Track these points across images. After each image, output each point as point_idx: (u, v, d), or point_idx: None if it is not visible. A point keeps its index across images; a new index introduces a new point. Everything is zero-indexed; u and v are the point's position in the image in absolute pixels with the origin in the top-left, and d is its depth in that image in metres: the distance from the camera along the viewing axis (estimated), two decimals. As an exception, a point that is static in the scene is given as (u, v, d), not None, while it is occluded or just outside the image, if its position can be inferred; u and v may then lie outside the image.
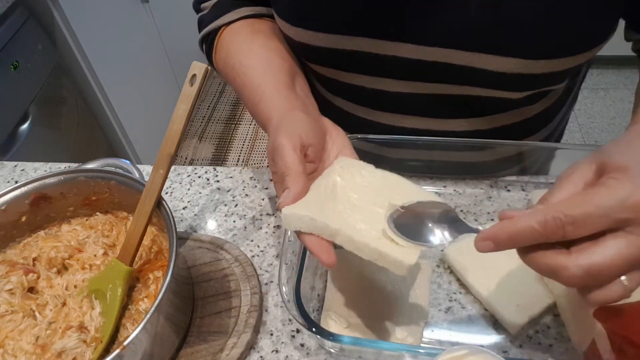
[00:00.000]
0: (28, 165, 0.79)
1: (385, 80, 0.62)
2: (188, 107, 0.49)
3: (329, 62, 0.63)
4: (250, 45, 0.62)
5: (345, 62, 0.62)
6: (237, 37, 0.64)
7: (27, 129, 1.39)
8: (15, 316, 0.51)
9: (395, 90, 0.62)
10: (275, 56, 0.61)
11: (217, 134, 2.34)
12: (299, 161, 0.46)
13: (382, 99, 0.64)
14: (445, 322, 0.53)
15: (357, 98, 0.67)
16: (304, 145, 0.48)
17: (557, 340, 0.51)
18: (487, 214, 0.63)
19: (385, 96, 0.64)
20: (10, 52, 1.31)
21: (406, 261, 0.41)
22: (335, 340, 0.46)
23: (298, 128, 0.49)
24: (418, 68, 0.58)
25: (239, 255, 0.60)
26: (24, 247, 0.59)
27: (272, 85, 0.57)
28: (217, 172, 0.74)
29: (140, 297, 0.53)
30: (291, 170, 0.45)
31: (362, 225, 0.44)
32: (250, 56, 0.61)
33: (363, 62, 0.60)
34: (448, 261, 0.57)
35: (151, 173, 0.51)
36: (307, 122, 0.50)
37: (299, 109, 0.53)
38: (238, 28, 0.64)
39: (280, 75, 0.58)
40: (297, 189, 0.45)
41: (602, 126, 2.24)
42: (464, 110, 0.64)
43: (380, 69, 0.61)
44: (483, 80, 0.57)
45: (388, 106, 0.65)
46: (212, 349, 0.52)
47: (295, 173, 0.45)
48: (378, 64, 0.60)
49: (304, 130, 0.49)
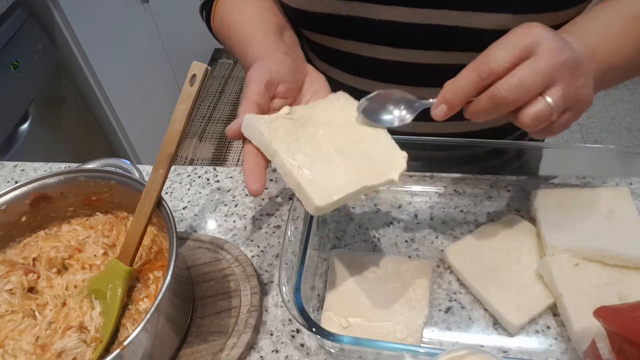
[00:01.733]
0: (28, 165, 0.79)
1: (381, 47, 0.63)
2: (188, 107, 0.49)
3: (325, 28, 0.65)
4: (244, 5, 0.65)
5: (341, 29, 0.64)
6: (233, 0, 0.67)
7: (27, 129, 1.39)
8: (15, 316, 0.51)
9: (390, 58, 0.64)
10: (266, 12, 0.63)
11: (217, 134, 2.34)
12: (257, 92, 0.48)
13: (377, 68, 0.66)
14: (445, 322, 0.53)
15: (352, 67, 0.68)
16: (272, 80, 0.50)
17: (557, 340, 0.51)
18: (487, 214, 0.63)
19: (380, 65, 0.65)
20: (10, 52, 1.31)
21: (315, 200, 0.42)
22: (335, 340, 0.46)
23: (271, 65, 0.51)
24: (412, 33, 0.60)
25: (239, 255, 0.60)
26: (24, 247, 0.59)
27: (260, 35, 0.59)
28: (217, 172, 0.74)
29: (140, 297, 0.53)
30: (246, 99, 0.48)
31: (301, 156, 0.46)
32: (242, 14, 0.64)
33: (359, 28, 0.62)
34: (448, 261, 0.57)
35: (151, 173, 0.51)
36: (282, 60, 0.52)
37: (279, 51, 0.55)
38: None
39: (269, 26, 0.61)
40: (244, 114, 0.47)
41: (602, 126, 2.24)
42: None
43: (376, 35, 0.62)
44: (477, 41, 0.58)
45: (383, 76, 0.66)
46: (212, 349, 0.52)
47: (248, 101, 0.48)
48: (373, 30, 0.61)
49: (275, 68, 0.51)
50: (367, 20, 0.60)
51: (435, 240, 0.61)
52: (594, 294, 0.51)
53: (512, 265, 0.55)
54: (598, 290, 0.51)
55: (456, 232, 0.61)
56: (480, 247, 0.58)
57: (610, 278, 0.52)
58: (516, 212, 0.62)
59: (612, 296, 0.51)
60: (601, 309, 0.40)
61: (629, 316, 0.39)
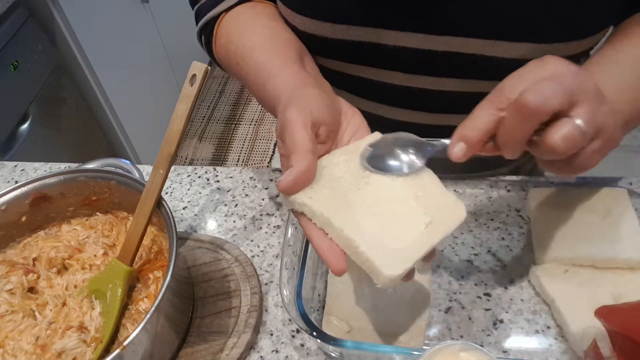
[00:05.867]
0: (28, 165, 0.79)
1: (393, 73, 0.60)
2: (188, 107, 0.49)
3: (335, 53, 0.61)
4: (253, 27, 0.58)
5: (351, 54, 0.60)
6: (238, 21, 0.60)
7: (27, 129, 1.39)
8: (15, 316, 0.51)
9: (403, 84, 0.61)
10: (280, 34, 0.57)
11: (217, 134, 2.34)
12: (308, 138, 0.41)
13: (389, 93, 0.63)
14: (445, 322, 0.53)
15: (363, 91, 0.65)
16: (315, 122, 0.43)
17: (557, 340, 0.51)
18: (487, 214, 0.63)
19: (391, 90, 0.62)
20: (10, 52, 1.31)
21: (386, 271, 0.37)
22: (337, 346, 0.45)
23: (310, 104, 0.44)
24: (427, 60, 0.57)
25: (239, 255, 0.60)
26: (24, 247, 0.59)
27: (279, 62, 0.52)
28: (217, 172, 0.74)
29: (140, 297, 0.53)
30: (298, 148, 0.41)
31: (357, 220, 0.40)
32: (252, 37, 0.56)
33: (371, 54, 0.58)
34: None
35: (151, 173, 0.51)
36: (320, 98, 0.46)
37: (311, 85, 0.48)
38: (239, 12, 0.61)
39: (288, 51, 0.54)
40: (302, 167, 0.40)
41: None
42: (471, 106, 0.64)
43: (388, 61, 0.59)
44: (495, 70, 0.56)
45: (394, 101, 0.64)
46: (212, 349, 0.52)
47: (303, 150, 0.41)
48: (385, 56, 0.58)
49: (316, 107, 0.44)
50: (380, 46, 0.57)
51: (436, 240, 0.61)
52: (587, 296, 0.51)
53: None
54: (591, 292, 0.51)
55: (456, 232, 0.61)
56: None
57: (603, 280, 0.52)
58: (516, 212, 0.62)
59: (606, 297, 0.51)
60: (602, 309, 0.40)
61: (630, 315, 0.39)
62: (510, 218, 0.62)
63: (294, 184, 0.41)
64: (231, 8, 0.61)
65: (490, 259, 0.58)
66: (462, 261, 0.58)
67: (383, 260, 0.37)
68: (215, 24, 0.62)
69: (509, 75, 0.40)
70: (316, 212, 0.40)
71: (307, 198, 0.41)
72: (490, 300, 0.55)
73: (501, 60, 0.54)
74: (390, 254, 0.38)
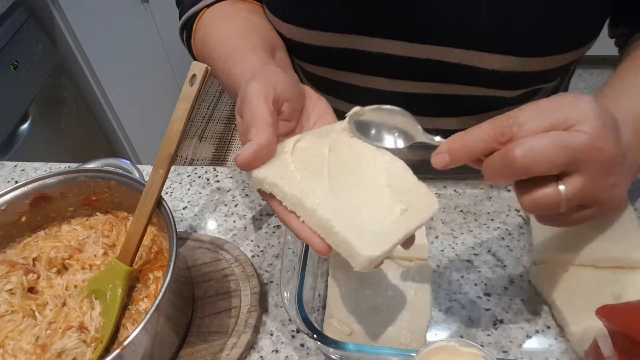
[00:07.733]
0: (28, 165, 0.79)
1: (378, 79, 0.62)
2: (188, 107, 0.49)
3: (321, 60, 0.63)
4: (230, 20, 0.58)
5: (337, 61, 0.61)
6: (216, 15, 0.60)
7: (27, 129, 1.39)
8: (15, 316, 0.51)
9: (386, 89, 0.62)
10: (255, 27, 0.57)
11: (217, 134, 2.34)
12: (268, 112, 0.40)
13: (372, 97, 0.63)
14: (445, 322, 0.53)
15: (349, 97, 0.66)
16: (277, 98, 0.42)
17: (557, 340, 0.51)
18: (487, 214, 0.63)
19: (376, 94, 0.63)
20: (10, 52, 1.31)
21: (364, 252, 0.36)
22: (339, 349, 0.45)
23: (274, 79, 0.43)
24: (410, 66, 0.58)
25: (239, 255, 0.60)
26: (24, 247, 0.59)
27: (248, 49, 0.52)
28: (217, 172, 0.74)
29: (140, 297, 0.53)
30: (258, 121, 0.39)
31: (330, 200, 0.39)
32: (229, 30, 0.56)
33: (355, 61, 0.60)
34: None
35: (151, 173, 0.51)
36: (283, 76, 0.44)
37: (275, 65, 0.48)
38: (219, 7, 0.62)
39: (259, 41, 0.54)
40: (262, 140, 0.39)
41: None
42: (456, 109, 0.64)
43: (373, 67, 0.60)
44: (476, 78, 0.57)
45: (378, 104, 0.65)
46: (212, 349, 0.52)
47: (262, 124, 0.39)
48: (370, 63, 0.59)
49: (279, 83, 0.42)
50: (365, 53, 0.58)
51: (435, 241, 0.61)
52: (587, 296, 0.50)
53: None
54: (591, 292, 0.51)
55: (456, 232, 0.61)
56: None
57: (603, 279, 0.52)
58: (516, 212, 0.62)
59: (606, 297, 0.50)
60: (603, 308, 0.40)
61: (631, 315, 0.39)
62: (510, 218, 0.62)
63: (253, 158, 0.39)
64: (212, 4, 0.62)
65: (490, 259, 0.58)
66: (462, 261, 0.58)
67: (361, 242, 0.36)
68: (196, 19, 0.63)
69: (528, 105, 0.37)
70: (287, 193, 0.39)
71: (277, 178, 0.39)
72: (490, 300, 0.54)
73: (483, 70, 0.55)
74: (367, 236, 0.37)
